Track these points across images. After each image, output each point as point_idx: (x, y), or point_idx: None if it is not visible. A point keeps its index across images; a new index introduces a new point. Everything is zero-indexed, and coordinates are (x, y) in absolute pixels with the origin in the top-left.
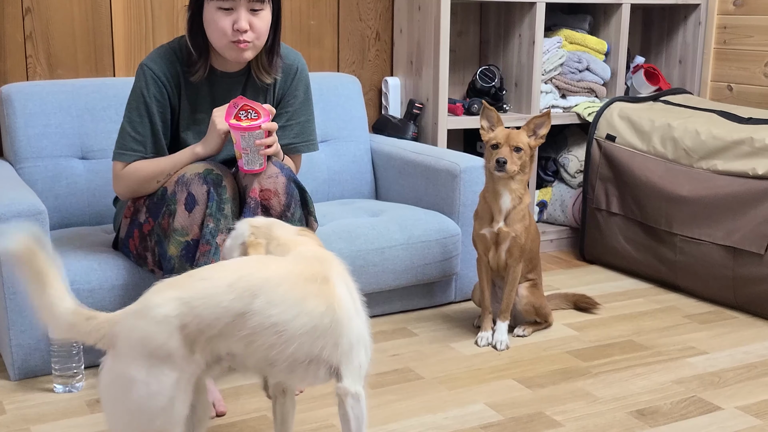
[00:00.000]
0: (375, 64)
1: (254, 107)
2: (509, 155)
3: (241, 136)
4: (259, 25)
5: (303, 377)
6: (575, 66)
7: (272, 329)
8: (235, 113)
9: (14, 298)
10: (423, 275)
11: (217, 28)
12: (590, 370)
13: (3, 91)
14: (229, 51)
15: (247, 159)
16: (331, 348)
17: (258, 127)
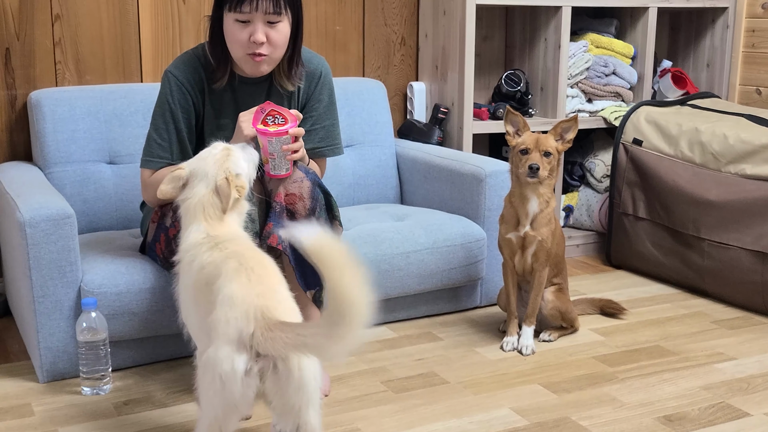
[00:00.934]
0: (400, 69)
1: (281, 112)
2: (540, 160)
3: (268, 142)
4: (276, 38)
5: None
6: (601, 70)
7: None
8: (263, 118)
9: (43, 301)
10: (448, 279)
11: (234, 39)
12: (617, 375)
13: (32, 97)
14: (245, 64)
15: (273, 164)
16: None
17: (285, 133)
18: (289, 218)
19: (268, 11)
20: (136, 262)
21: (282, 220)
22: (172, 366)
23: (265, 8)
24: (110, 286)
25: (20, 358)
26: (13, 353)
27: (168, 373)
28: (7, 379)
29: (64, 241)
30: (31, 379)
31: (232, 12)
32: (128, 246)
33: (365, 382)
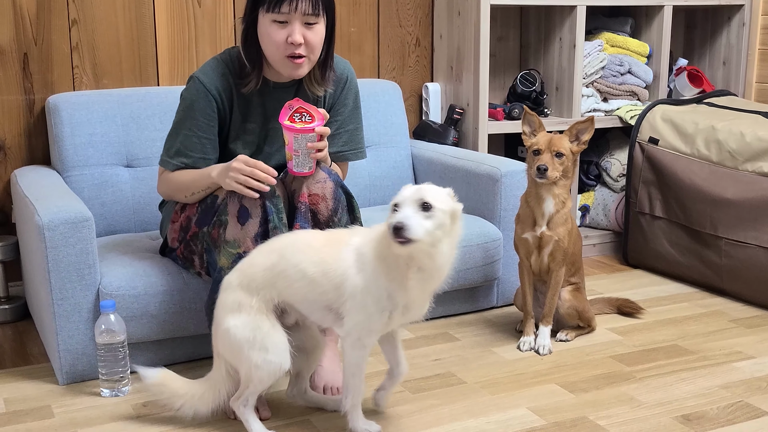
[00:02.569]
0: (415, 70)
1: (309, 110)
2: (550, 162)
3: (294, 138)
4: (314, 39)
5: (322, 319)
6: (617, 69)
7: (296, 275)
8: (290, 115)
9: (62, 304)
10: (465, 280)
11: (271, 41)
12: (634, 374)
13: (50, 102)
14: (284, 66)
15: (297, 161)
16: (333, 294)
17: (311, 130)
18: (312, 218)
19: (306, 12)
20: (154, 264)
21: (308, 220)
22: (190, 367)
23: (303, 9)
24: (128, 288)
25: (40, 360)
26: (32, 356)
27: (186, 375)
28: (27, 382)
29: (83, 244)
30: (51, 381)
31: (269, 13)
32: (146, 248)
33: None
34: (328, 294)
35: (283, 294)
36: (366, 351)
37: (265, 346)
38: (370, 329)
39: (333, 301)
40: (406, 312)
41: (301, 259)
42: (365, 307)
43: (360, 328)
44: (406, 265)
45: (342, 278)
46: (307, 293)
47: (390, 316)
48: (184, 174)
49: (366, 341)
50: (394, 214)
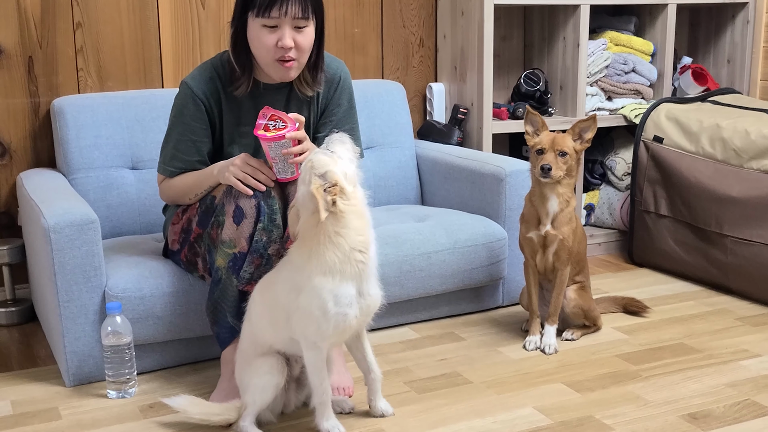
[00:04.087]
0: (419, 71)
1: (281, 117)
2: (554, 161)
3: (268, 146)
4: (303, 42)
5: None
6: (621, 68)
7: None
8: (264, 124)
9: (68, 306)
10: (470, 280)
11: (261, 45)
12: (640, 373)
13: (55, 104)
14: (274, 70)
15: (277, 168)
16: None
17: (282, 137)
18: None
19: (296, 16)
20: (160, 266)
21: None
22: (197, 368)
23: (293, 13)
24: (134, 290)
25: (47, 362)
26: (39, 358)
27: (193, 376)
28: (34, 384)
29: (89, 246)
30: (58, 384)
31: (259, 17)
32: (151, 250)
33: (389, 383)
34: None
35: (257, 335)
36: (321, 352)
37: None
38: (323, 335)
39: (291, 332)
40: (364, 299)
41: (255, 299)
42: (311, 320)
43: (314, 336)
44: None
45: (281, 309)
46: (269, 331)
47: (347, 316)
48: (185, 177)
49: (320, 344)
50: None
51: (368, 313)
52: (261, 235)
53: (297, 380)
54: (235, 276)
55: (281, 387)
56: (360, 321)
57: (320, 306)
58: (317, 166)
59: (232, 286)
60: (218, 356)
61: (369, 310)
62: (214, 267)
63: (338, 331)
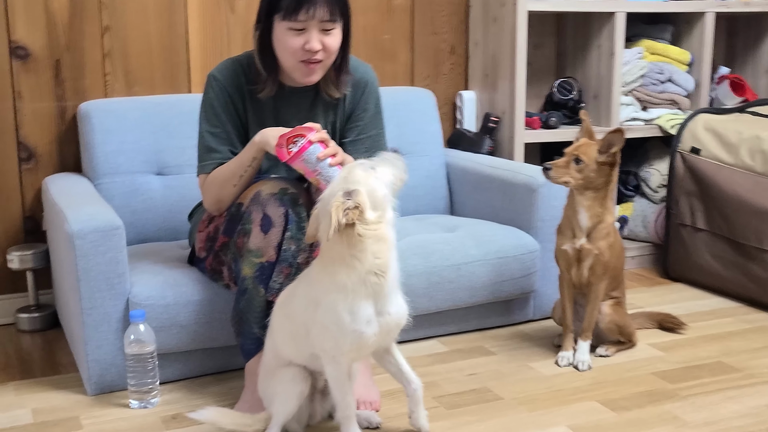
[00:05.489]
0: (449, 78)
1: (296, 133)
2: (563, 164)
3: (303, 163)
4: (331, 44)
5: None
6: (657, 77)
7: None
8: (285, 151)
9: (91, 313)
10: (500, 292)
11: (287, 48)
12: (678, 392)
13: (81, 109)
14: (298, 72)
15: (323, 178)
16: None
17: (309, 143)
18: None
19: (323, 18)
20: (185, 273)
21: None
22: (220, 379)
23: (321, 15)
24: (158, 298)
25: (69, 370)
26: (62, 365)
27: (216, 387)
28: (56, 392)
29: (113, 252)
30: (80, 392)
31: (285, 21)
32: (176, 258)
33: None
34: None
35: (278, 349)
36: (341, 366)
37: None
38: (341, 350)
39: (311, 347)
40: (383, 318)
41: (276, 312)
42: (328, 336)
43: (332, 351)
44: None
45: (300, 324)
46: (290, 346)
47: (364, 334)
48: (223, 167)
49: (340, 359)
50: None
51: (389, 331)
52: (289, 244)
53: (322, 392)
54: (263, 286)
55: (305, 395)
56: (381, 339)
57: (336, 321)
58: (350, 180)
59: (258, 296)
60: (242, 367)
61: (390, 328)
62: (240, 276)
63: (356, 348)
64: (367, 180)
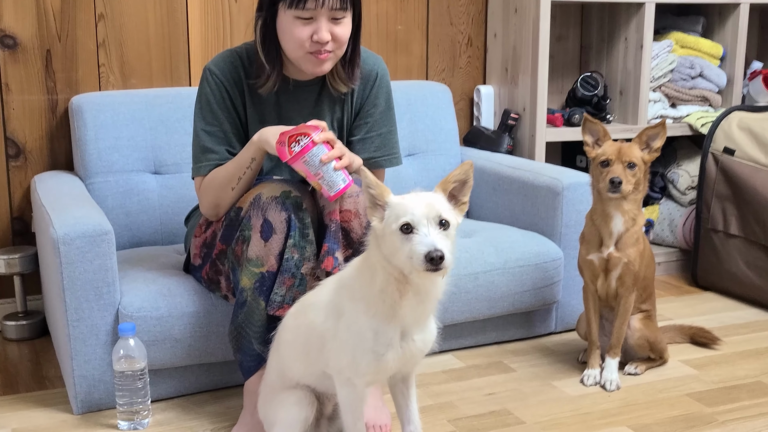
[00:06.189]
0: (466, 72)
1: (300, 132)
2: (623, 173)
3: (305, 165)
4: (341, 34)
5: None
6: (687, 72)
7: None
8: (287, 149)
9: (78, 326)
10: (520, 303)
11: (293, 38)
12: (716, 417)
13: (74, 102)
14: (306, 63)
15: (326, 183)
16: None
17: (312, 143)
18: (344, 237)
19: (334, 7)
20: (180, 282)
21: (338, 240)
22: (218, 397)
23: (330, 3)
24: (150, 309)
25: (56, 384)
26: (48, 379)
27: (213, 405)
28: (40, 409)
29: (101, 260)
30: (65, 410)
31: (292, 9)
32: (172, 264)
33: (430, 420)
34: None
35: (285, 367)
36: (357, 389)
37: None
38: (357, 371)
39: (324, 365)
40: (407, 344)
41: (286, 325)
42: (346, 350)
43: (347, 370)
44: (399, 292)
45: (317, 336)
46: (300, 363)
47: (384, 357)
48: (220, 169)
49: (356, 381)
50: (413, 237)
51: (412, 357)
52: (292, 253)
53: (329, 417)
54: (263, 298)
55: (310, 422)
56: (402, 365)
57: (356, 337)
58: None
59: (258, 309)
60: (242, 383)
61: (413, 355)
62: (239, 287)
63: (373, 370)
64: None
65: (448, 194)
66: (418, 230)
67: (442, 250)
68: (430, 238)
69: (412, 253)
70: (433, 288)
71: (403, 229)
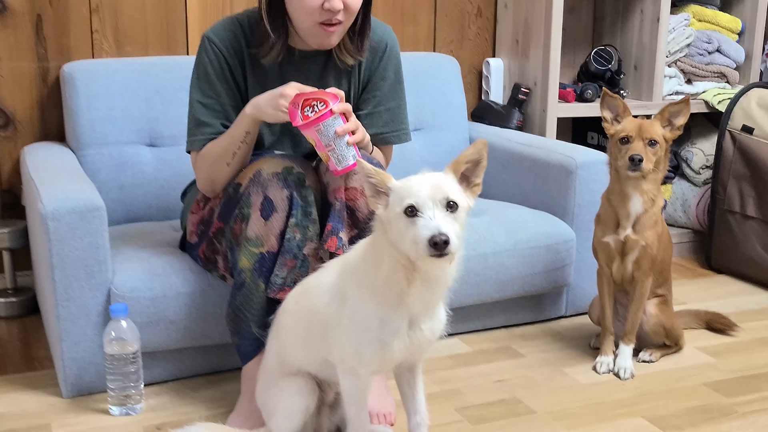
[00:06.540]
0: (475, 44)
1: (317, 98)
2: (644, 151)
3: (317, 133)
4: (353, 3)
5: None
6: (704, 47)
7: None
8: (300, 113)
9: (67, 306)
10: (530, 286)
11: (303, 6)
12: (736, 408)
13: (65, 70)
14: (313, 35)
15: (335, 157)
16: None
17: (330, 113)
18: (350, 216)
19: None
20: (175, 261)
21: (343, 219)
22: (214, 381)
23: None
24: (144, 289)
25: (45, 365)
26: (37, 360)
27: (209, 390)
28: (28, 392)
29: (92, 236)
30: (54, 393)
31: None
32: (167, 241)
33: (437, 409)
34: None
35: (285, 353)
36: (361, 379)
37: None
38: (361, 360)
39: (326, 352)
40: (414, 333)
41: (287, 308)
42: (350, 338)
43: (351, 359)
44: (406, 279)
45: (320, 321)
46: (301, 349)
47: (390, 346)
48: (214, 143)
49: (360, 370)
50: (417, 220)
51: (419, 347)
52: (294, 233)
53: (331, 405)
54: (262, 280)
55: (311, 411)
56: (409, 354)
57: (361, 324)
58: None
59: (258, 291)
60: (239, 367)
61: (420, 344)
62: (237, 268)
63: (378, 360)
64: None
65: (460, 175)
66: (423, 213)
67: (448, 234)
68: (435, 221)
69: (416, 237)
70: (443, 275)
71: (407, 212)
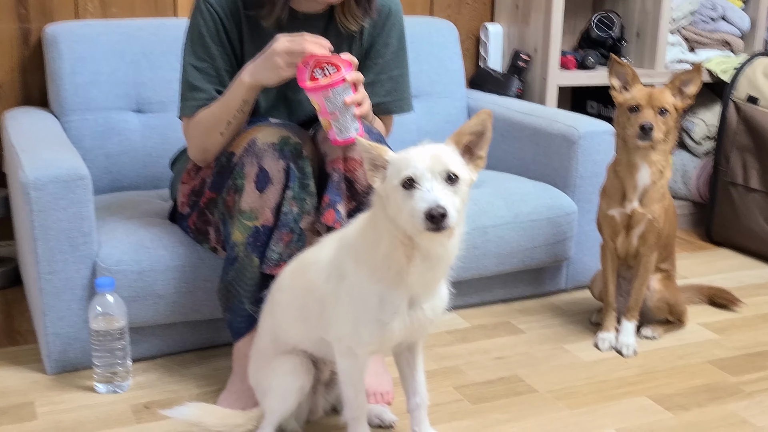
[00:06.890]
0: (474, 8)
1: (331, 61)
2: (654, 119)
3: (324, 99)
4: None
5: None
6: (708, 14)
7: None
8: (309, 74)
9: (50, 279)
10: (530, 259)
11: None
12: (742, 387)
13: (48, 32)
14: None
15: (338, 126)
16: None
17: (342, 80)
18: (348, 189)
19: None
20: (164, 233)
21: (341, 191)
22: (204, 357)
23: None
24: (131, 262)
25: (28, 340)
26: (20, 333)
27: (199, 367)
28: (10, 368)
29: (77, 207)
30: (38, 369)
31: None
32: (155, 212)
33: (436, 387)
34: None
35: (280, 330)
36: (358, 360)
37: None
38: (359, 340)
39: (323, 331)
40: (414, 312)
41: (282, 284)
42: (348, 317)
43: (349, 339)
44: (406, 257)
45: (317, 298)
46: (297, 327)
47: (389, 326)
48: (207, 109)
49: (357, 350)
50: (415, 192)
51: (420, 327)
52: (290, 206)
53: (326, 383)
54: (256, 255)
55: (306, 391)
56: (408, 334)
57: (360, 303)
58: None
59: (251, 266)
60: (230, 343)
61: (421, 324)
62: (230, 242)
63: (377, 340)
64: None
65: (463, 147)
66: (421, 185)
67: (446, 207)
68: (434, 193)
69: (412, 210)
70: (444, 252)
71: (405, 184)
